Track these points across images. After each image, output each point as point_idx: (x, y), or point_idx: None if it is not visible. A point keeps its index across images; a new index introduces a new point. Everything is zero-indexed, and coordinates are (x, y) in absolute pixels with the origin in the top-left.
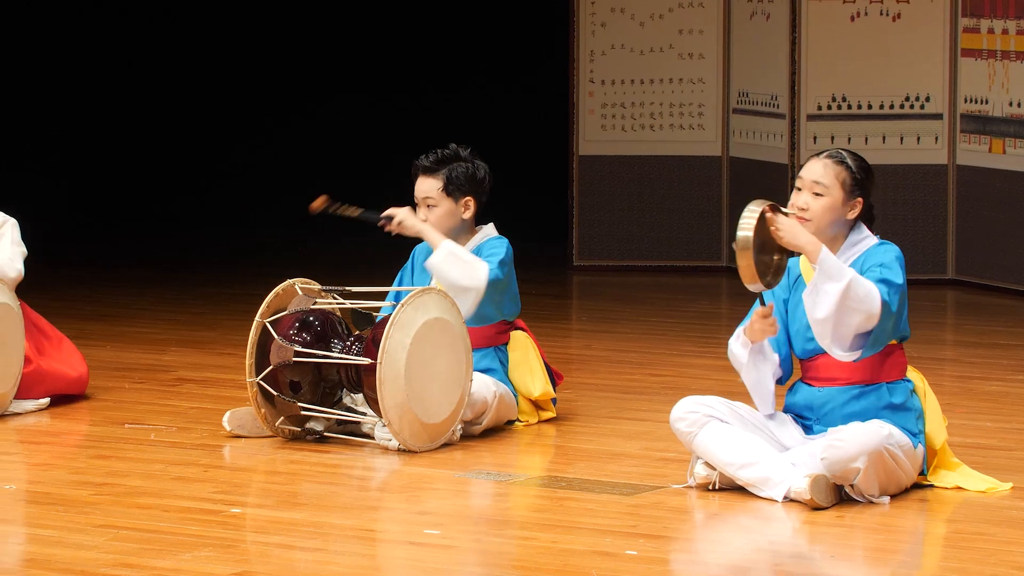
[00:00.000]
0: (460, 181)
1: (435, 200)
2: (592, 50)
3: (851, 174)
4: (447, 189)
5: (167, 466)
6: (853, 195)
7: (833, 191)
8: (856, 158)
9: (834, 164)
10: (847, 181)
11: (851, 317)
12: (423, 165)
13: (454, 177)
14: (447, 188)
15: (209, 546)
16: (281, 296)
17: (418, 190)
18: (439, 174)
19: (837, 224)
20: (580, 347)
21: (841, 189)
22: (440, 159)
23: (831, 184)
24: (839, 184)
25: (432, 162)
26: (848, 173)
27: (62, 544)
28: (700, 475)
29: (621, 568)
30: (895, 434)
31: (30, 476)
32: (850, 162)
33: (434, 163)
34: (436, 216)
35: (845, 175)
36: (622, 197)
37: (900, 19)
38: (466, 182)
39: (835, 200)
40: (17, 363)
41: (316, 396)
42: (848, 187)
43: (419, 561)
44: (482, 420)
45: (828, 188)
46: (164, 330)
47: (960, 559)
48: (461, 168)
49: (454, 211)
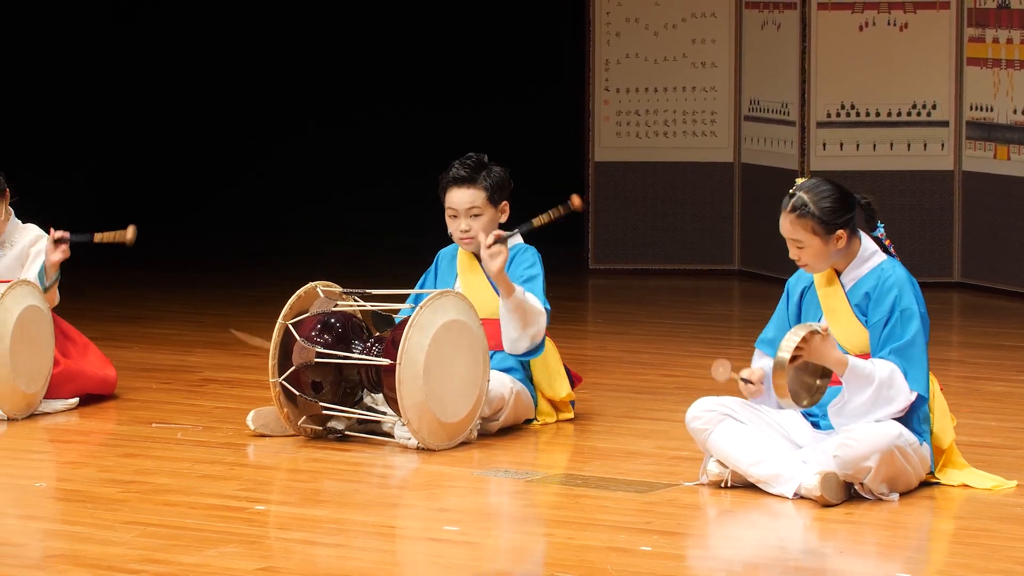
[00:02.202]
0: (499, 187)
1: (480, 209)
2: (607, 59)
3: (816, 220)
4: (491, 198)
5: (193, 464)
6: (831, 232)
7: (810, 240)
8: (820, 196)
9: (797, 218)
10: (817, 227)
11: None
12: (460, 176)
13: (493, 184)
14: (491, 196)
15: (234, 542)
16: (303, 298)
17: (458, 201)
18: (479, 183)
19: (834, 256)
20: (596, 348)
21: (815, 235)
22: (475, 167)
23: (805, 237)
24: (811, 233)
25: (469, 172)
26: (813, 220)
27: (91, 540)
28: (713, 473)
29: (636, 564)
30: (905, 433)
31: (60, 474)
32: (812, 208)
33: (471, 172)
34: (482, 224)
35: (811, 223)
36: (637, 202)
37: (907, 29)
38: (503, 187)
39: (816, 246)
40: (47, 364)
41: (337, 396)
42: (821, 231)
43: (438, 557)
44: (499, 417)
45: (804, 240)
46: (190, 332)
47: (966, 555)
48: (496, 174)
49: (495, 217)
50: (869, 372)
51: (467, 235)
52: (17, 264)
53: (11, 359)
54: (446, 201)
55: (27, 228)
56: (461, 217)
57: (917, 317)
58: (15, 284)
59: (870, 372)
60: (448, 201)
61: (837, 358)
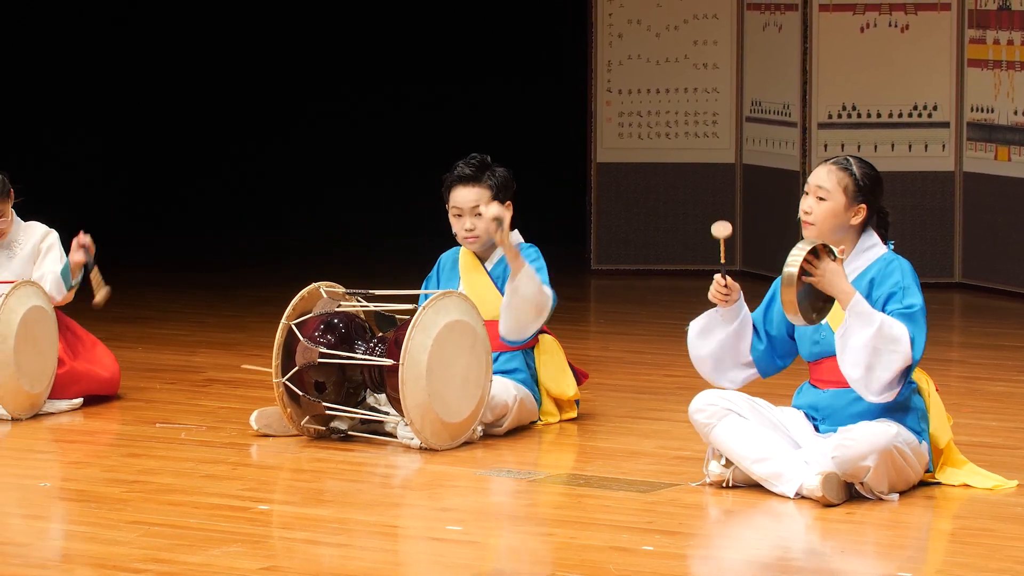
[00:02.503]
0: (503, 187)
1: (486, 208)
2: (609, 60)
3: (854, 180)
4: (495, 197)
5: (197, 464)
6: (856, 201)
7: (835, 196)
8: (863, 165)
9: (838, 170)
10: (849, 187)
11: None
12: (466, 175)
13: (498, 184)
14: (495, 196)
15: (237, 542)
16: (306, 299)
17: (462, 200)
18: (483, 182)
19: (841, 229)
20: (598, 349)
21: (843, 194)
22: (479, 167)
23: (833, 189)
24: (841, 189)
25: (473, 171)
26: (851, 179)
27: (95, 540)
28: (715, 473)
29: (638, 563)
30: (903, 432)
31: (64, 474)
32: (855, 169)
33: (476, 171)
34: (485, 224)
35: (848, 181)
36: (639, 203)
37: (908, 30)
38: (507, 186)
39: (837, 205)
40: (51, 364)
41: (340, 396)
42: (851, 193)
43: (441, 556)
44: (503, 423)
45: (830, 193)
46: (194, 332)
47: (966, 554)
48: (500, 174)
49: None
50: (872, 312)
51: (471, 234)
52: (28, 263)
53: (15, 359)
54: (450, 200)
55: (32, 226)
56: (466, 216)
57: (918, 295)
58: (19, 285)
59: (873, 312)
60: (453, 200)
61: (845, 288)
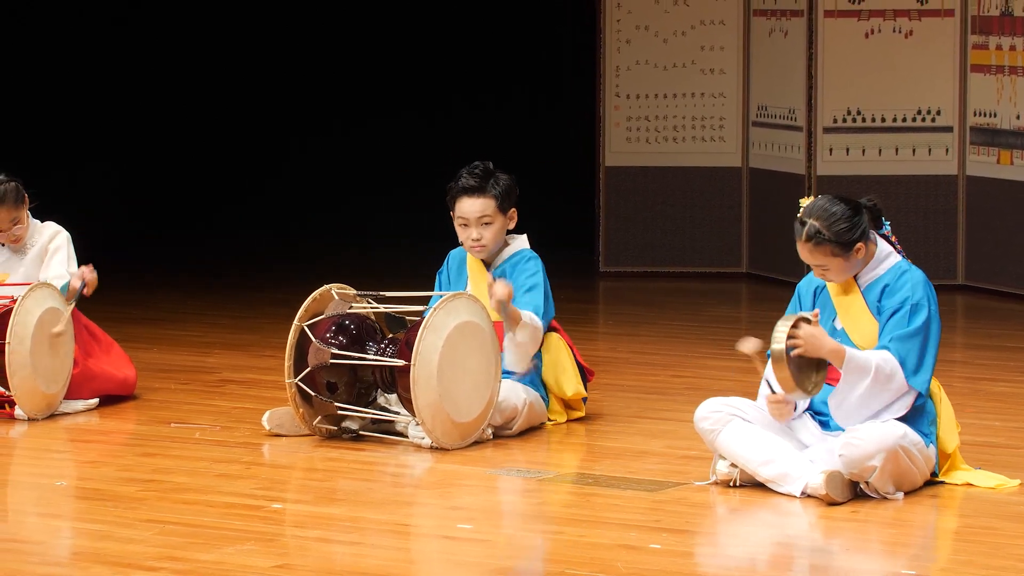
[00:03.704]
0: (507, 195)
1: (491, 217)
2: (618, 66)
3: (833, 244)
4: (500, 206)
5: (211, 463)
6: (850, 248)
7: (832, 262)
8: (830, 220)
9: (815, 247)
10: (837, 250)
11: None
12: (471, 186)
13: (502, 192)
14: (500, 204)
15: (251, 540)
16: (318, 301)
17: (468, 210)
18: (488, 192)
19: (855, 267)
20: (606, 350)
21: (839, 257)
22: (483, 176)
23: (825, 261)
24: (831, 256)
25: (478, 181)
26: (830, 245)
27: (111, 538)
28: (722, 472)
29: (646, 561)
30: (909, 433)
31: (80, 473)
32: (827, 234)
33: (480, 181)
34: (493, 232)
35: (830, 248)
36: (647, 206)
37: (912, 36)
38: (511, 194)
39: (839, 264)
40: (67, 365)
41: (352, 396)
42: (841, 250)
43: (452, 554)
44: (512, 425)
45: (827, 263)
46: (208, 333)
47: (970, 552)
48: (503, 182)
49: (505, 224)
50: (865, 360)
51: (478, 243)
52: (38, 262)
53: (32, 360)
54: (456, 211)
55: (45, 227)
56: (472, 226)
57: (926, 311)
58: (36, 286)
59: (866, 360)
60: (458, 211)
61: (832, 347)
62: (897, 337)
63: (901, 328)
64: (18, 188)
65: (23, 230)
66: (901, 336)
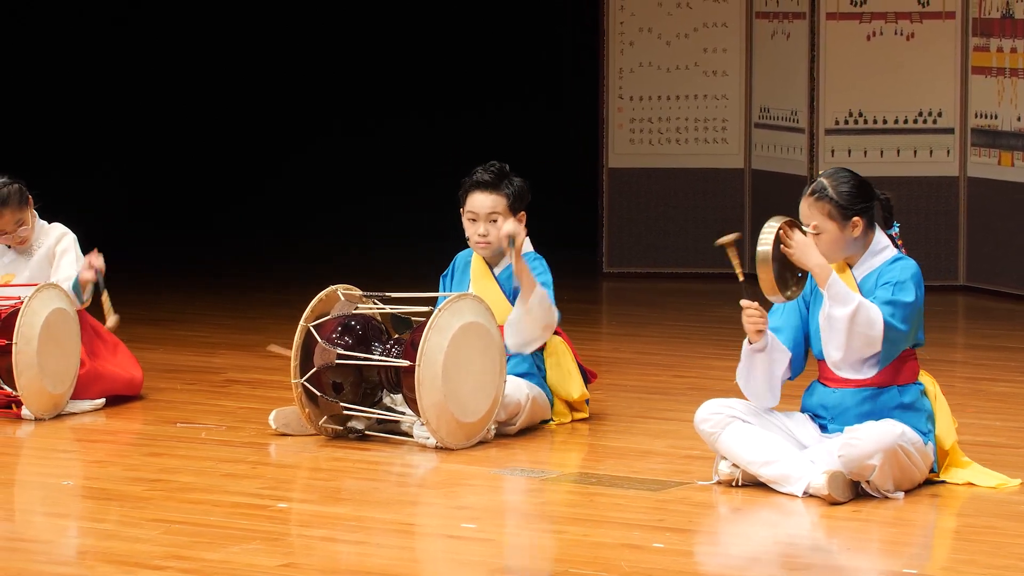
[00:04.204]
0: (519, 196)
1: (500, 215)
2: (621, 68)
3: (834, 204)
4: (511, 205)
5: (217, 463)
6: (847, 218)
7: (826, 225)
8: (840, 180)
9: (816, 201)
10: (833, 212)
11: (856, 340)
12: (483, 181)
13: (514, 192)
14: (511, 204)
15: (257, 539)
16: (324, 301)
17: (479, 205)
18: (500, 190)
19: (848, 247)
20: (610, 350)
21: (832, 220)
22: (498, 174)
23: (821, 221)
24: (828, 218)
25: (492, 177)
26: (831, 204)
27: (117, 537)
28: (724, 472)
29: (649, 560)
30: (908, 432)
31: (87, 472)
32: (831, 192)
33: (494, 179)
34: (499, 235)
35: (829, 208)
36: (650, 208)
37: (914, 38)
38: (523, 197)
39: (832, 232)
40: (73, 365)
41: (357, 396)
42: (838, 216)
43: (456, 553)
44: (516, 421)
45: (821, 225)
46: (214, 334)
47: (970, 551)
48: (517, 183)
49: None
50: (848, 292)
51: (484, 239)
52: (45, 264)
53: (38, 361)
54: (467, 204)
55: (52, 228)
56: (480, 221)
57: (912, 294)
58: (42, 287)
59: (850, 292)
60: (469, 204)
61: (820, 262)
62: (882, 300)
63: (887, 295)
64: (21, 190)
65: (28, 232)
66: (886, 300)
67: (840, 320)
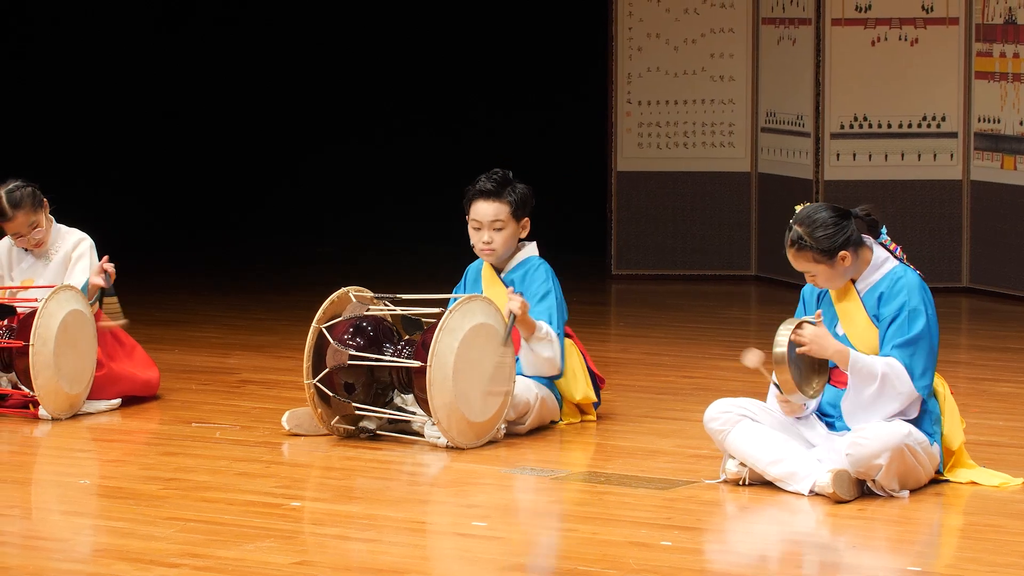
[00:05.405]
0: (522, 203)
1: (503, 223)
2: (629, 73)
3: (817, 251)
4: (515, 213)
5: (231, 462)
6: (834, 255)
7: (817, 269)
8: (812, 227)
9: (798, 252)
10: (819, 257)
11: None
12: (487, 189)
13: (518, 200)
14: (514, 211)
15: (270, 537)
16: (336, 303)
17: (482, 213)
18: (503, 198)
19: (846, 274)
20: (618, 351)
21: (822, 263)
22: (501, 182)
23: (810, 267)
24: (815, 263)
25: (495, 186)
26: (814, 252)
27: (133, 535)
28: (731, 471)
29: (656, 558)
30: (914, 432)
31: (103, 472)
32: (808, 240)
33: (497, 187)
34: (503, 238)
35: (813, 255)
36: (657, 211)
37: (918, 44)
38: (526, 204)
39: (825, 271)
40: (90, 366)
41: (369, 397)
42: (826, 257)
43: (467, 551)
44: (525, 420)
45: (811, 269)
46: (228, 335)
47: (974, 550)
48: (520, 190)
49: (516, 232)
50: (871, 365)
51: (488, 246)
52: (63, 269)
53: (55, 361)
54: (471, 212)
55: (70, 233)
56: (484, 229)
57: (924, 317)
58: (59, 289)
59: (872, 365)
60: (473, 212)
61: (838, 348)
62: (899, 345)
63: (902, 335)
64: (34, 192)
65: (43, 234)
66: (902, 343)
67: (869, 397)
